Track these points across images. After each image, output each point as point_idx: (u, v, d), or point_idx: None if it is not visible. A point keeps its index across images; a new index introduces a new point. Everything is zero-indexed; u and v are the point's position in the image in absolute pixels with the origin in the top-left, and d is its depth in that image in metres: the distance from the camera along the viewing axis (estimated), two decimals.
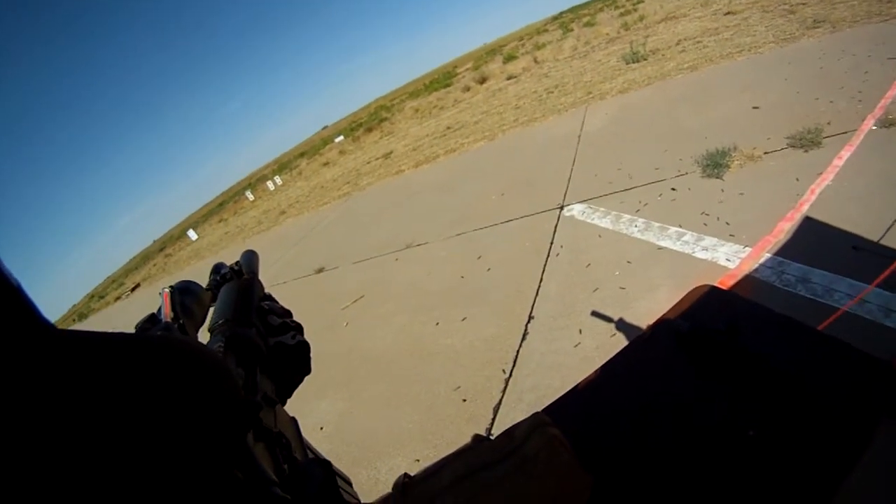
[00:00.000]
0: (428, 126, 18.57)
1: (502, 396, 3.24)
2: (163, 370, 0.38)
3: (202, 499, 0.36)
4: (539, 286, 4.31)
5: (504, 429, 0.68)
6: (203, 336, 0.79)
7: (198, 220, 61.17)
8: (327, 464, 0.60)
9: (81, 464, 0.29)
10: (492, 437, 0.66)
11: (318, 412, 3.98)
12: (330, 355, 4.84)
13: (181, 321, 0.73)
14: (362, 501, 0.69)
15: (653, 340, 1.14)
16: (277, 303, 0.94)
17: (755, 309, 1.12)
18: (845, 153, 4.04)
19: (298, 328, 0.90)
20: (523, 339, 3.71)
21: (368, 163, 17.93)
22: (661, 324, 1.16)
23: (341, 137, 34.27)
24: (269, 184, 31.50)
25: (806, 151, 4.37)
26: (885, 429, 0.77)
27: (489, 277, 4.98)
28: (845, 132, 4.36)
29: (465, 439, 0.67)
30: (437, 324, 4.55)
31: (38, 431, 0.28)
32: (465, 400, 3.37)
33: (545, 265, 4.62)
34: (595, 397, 1.09)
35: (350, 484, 0.72)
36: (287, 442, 0.63)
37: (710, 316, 1.11)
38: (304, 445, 0.73)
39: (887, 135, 4.08)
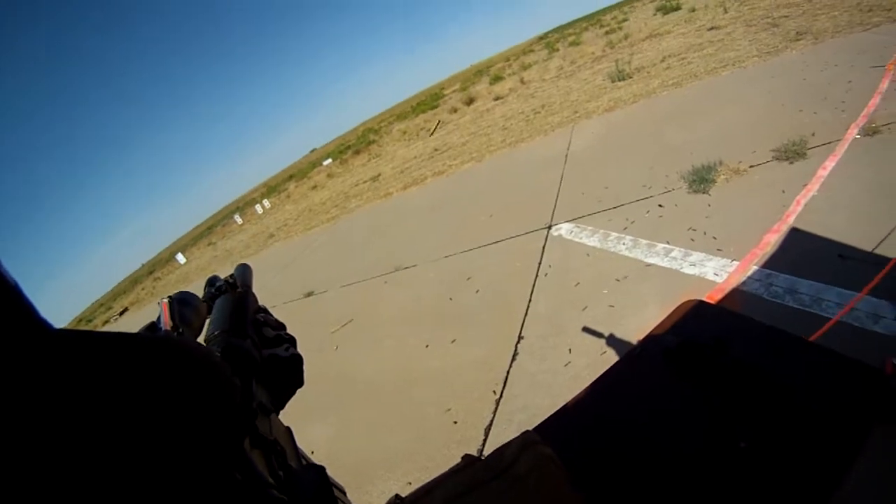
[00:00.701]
0: (415, 148, 18.69)
1: (493, 417, 3.21)
2: (162, 368, 0.38)
3: (201, 499, 0.36)
4: (528, 306, 4.31)
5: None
6: None
7: (186, 243, 60.82)
8: (322, 469, 0.59)
9: (79, 463, 0.29)
10: (483, 458, 0.66)
11: (308, 435, 3.90)
12: (320, 378, 4.77)
13: (180, 330, 0.74)
14: None
15: (641, 357, 1.14)
16: (272, 315, 0.95)
17: (743, 321, 1.12)
18: (830, 163, 4.11)
19: (292, 341, 0.90)
20: (513, 359, 3.69)
21: (356, 185, 17.95)
22: (650, 340, 1.16)
23: (329, 160, 34.37)
24: (258, 207, 31.46)
25: (791, 163, 4.44)
26: (878, 434, 0.77)
27: (478, 299, 4.96)
28: (830, 142, 4.45)
29: (457, 461, 0.66)
30: (427, 346, 4.51)
31: (36, 430, 0.28)
32: (455, 422, 3.34)
33: (534, 285, 4.61)
34: (585, 414, 1.08)
35: (344, 493, 0.71)
36: (282, 450, 0.63)
37: (698, 330, 1.11)
38: (299, 454, 0.73)
39: (871, 143, 4.17)
